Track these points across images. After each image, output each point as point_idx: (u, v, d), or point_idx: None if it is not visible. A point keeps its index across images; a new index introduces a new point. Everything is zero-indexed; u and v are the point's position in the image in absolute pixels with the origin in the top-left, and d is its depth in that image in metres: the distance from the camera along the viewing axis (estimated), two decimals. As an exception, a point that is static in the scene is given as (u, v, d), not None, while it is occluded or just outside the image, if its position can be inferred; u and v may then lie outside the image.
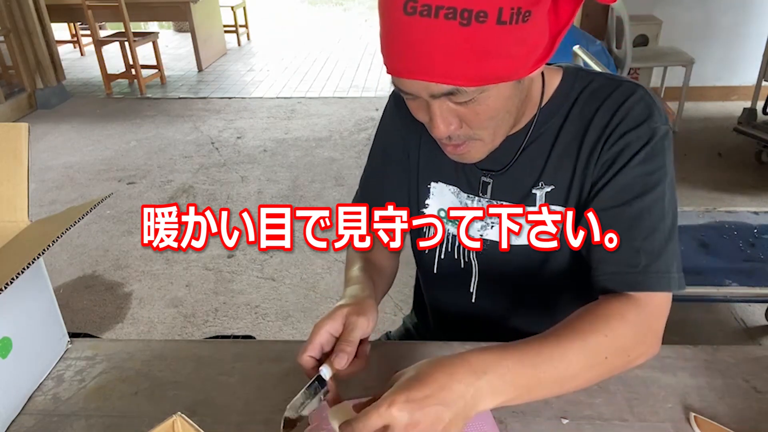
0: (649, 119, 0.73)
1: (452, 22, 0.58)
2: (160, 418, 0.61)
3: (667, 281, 0.72)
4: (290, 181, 3.48)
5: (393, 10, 0.61)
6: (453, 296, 0.94)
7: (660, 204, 0.73)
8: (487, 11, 0.58)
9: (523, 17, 0.60)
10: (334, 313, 0.71)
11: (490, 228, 0.86)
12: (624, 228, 0.73)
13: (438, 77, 0.63)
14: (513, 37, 0.61)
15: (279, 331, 2.28)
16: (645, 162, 0.73)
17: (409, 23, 0.60)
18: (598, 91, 0.78)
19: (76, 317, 2.39)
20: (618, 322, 0.69)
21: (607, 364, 0.68)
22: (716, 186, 3.19)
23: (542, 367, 0.64)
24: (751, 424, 0.72)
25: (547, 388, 0.66)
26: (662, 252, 0.72)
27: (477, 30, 0.59)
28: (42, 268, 0.84)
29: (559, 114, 0.79)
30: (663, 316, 0.73)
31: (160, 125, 4.43)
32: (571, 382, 0.67)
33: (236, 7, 6.61)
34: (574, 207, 0.79)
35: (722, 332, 2.17)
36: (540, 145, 0.80)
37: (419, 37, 0.60)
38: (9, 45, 4.54)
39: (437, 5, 0.58)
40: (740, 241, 2.02)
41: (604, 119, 0.75)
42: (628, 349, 0.70)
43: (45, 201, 3.32)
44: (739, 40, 4.18)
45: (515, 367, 0.62)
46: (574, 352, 0.65)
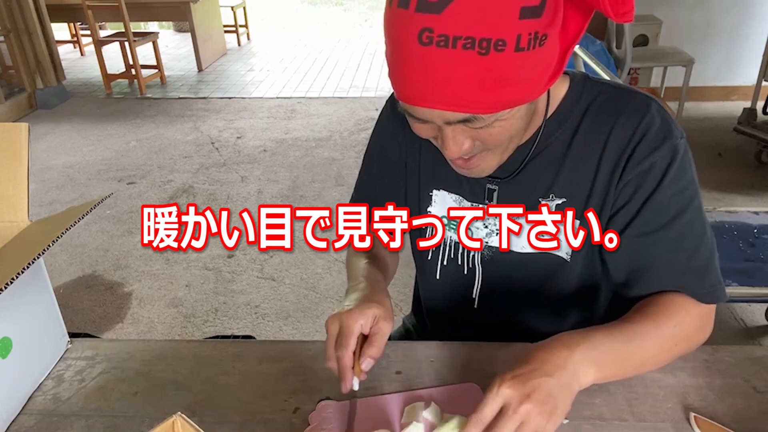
0: (669, 136, 0.73)
1: (470, 52, 0.57)
2: (160, 418, 0.61)
3: (721, 292, 0.75)
4: (290, 181, 3.48)
5: (407, 40, 0.59)
6: (454, 302, 0.93)
7: (699, 218, 0.75)
8: (506, 39, 0.57)
9: (540, 42, 0.59)
10: (364, 311, 0.72)
11: (495, 235, 0.85)
12: (667, 251, 0.74)
13: (454, 106, 0.62)
14: (530, 62, 0.60)
15: (279, 331, 2.28)
16: (675, 181, 0.73)
17: (425, 53, 0.58)
18: (609, 104, 0.76)
19: (76, 317, 2.39)
20: (684, 314, 0.74)
21: (677, 350, 0.75)
22: (716, 186, 3.19)
23: (629, 345, 0.70)
24: (751, 424, 0.72)
25: (632, 366, 0.72)
26: (709, 267, 0.75)
27: (495, 58, 0.57)
28: (42, 268, 0.84)
29: (568, 125, 0.78)
30: (713, 313, 0.78)
31: (160, 125, 4.43)
32: (649, 364, 0.75)
33: (236, 7, 6.61)
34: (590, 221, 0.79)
35: (722, 332, 2.17)
36: (549, 156, 0.79)
37: (435, 66, 0.58)
38: (9, 45, 4.54)
39: (455, 35, 0.56)
40: (740, 241, 2.01)
41: (624, 136, 0.74)
42: (691, 338, 0.76)
43: (45, 201, 3.32)
44: (740, 40, 4.18)
45: (606, 340, 0.69)
46: (651, 336, 0.72)
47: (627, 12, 0.59)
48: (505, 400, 0.61)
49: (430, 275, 0.94)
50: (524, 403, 0.60)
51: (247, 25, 6.98)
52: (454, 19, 0.56)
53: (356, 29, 7.71)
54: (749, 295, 1.85)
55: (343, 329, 0.70)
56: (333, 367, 0.70)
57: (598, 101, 0.77)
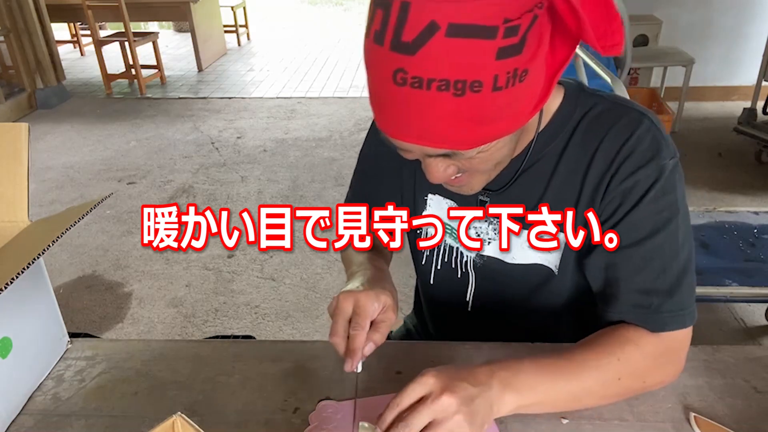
0: (657, 156, 0.71)
1: (445, 94, 0.55)
2: (160, 418, 0.61)
3: (681, 319, 0.72)
4: (290, 181, 3.48)
5: (382, 77, 0.57)
6: (450, 304, 0.94)
7: (672, 241, 0.72)
8: (482, 81, 0.55)
9: (520, 78, 0.57)
10: (380, 295, 0.72)
11: (486, 243, 0.85)
12: (635, 269, 0.73)
13: (431, 142, 0.60)
14: (510, 98, 0.58)
15: (279, 331, 2.28)
16: (655, 201, 0.71)
17: (400, 92, 0.56)
18: (601, 118, 0.75)
19: (76, 317, 2.39)
20: (632, 349, 0.71)
21: (621, 385, 0.71)
22: (716, 186, 3.19)
23: (558, 375, 0.68)
24: (751, 424, 0.72)
25: (563, 397, 0.70)
26: (675, 290, 0.72)
27: (472, 99, 0.56)
28: (42, 268, 0.84)
29: (559, 138, 0.76)
30: (682, 347, 0.75)
31: (160, 125, 4.43)
32: (589, 397, 0.71)
33: (236, 7, 6.61)
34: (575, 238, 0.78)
35: (722, 332, 2.17)
36: (540, 169, 0.78)
37: (411, 106, 0.57)
38: (9, 45, 4.54)
39: (429, 78, 0.54)
40: (740, 241, 2.02)
41: (611, 152, 0.73)
42: (643, 375, 0.73)
43: (45, 201, 3.32)
44: (739, 40, 4.18)
45: (531, 369, 0.68)
46: (588, 368, 0.69)
47: (615, 45, 0.57)
48: (427, 389, 0.61)
49: (426, 278, 0.95)
50: (446, 394, 0.60)
51: (247, 25, 6.98)
52: (428, 62, 0.54)
53: (356, 29, 7.71)
54: (749, 295, 1.85)
55: (359, 309, 0.70)
56: (338, 343, 0.70)
57: (591, 115, 0.75)
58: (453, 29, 0.53)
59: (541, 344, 0.86)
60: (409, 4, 0.53)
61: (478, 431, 0.61)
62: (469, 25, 0.53)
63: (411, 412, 0.60)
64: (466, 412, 0.60)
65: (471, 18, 0.52)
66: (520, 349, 0.85)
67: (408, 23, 0.53)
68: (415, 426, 0.59)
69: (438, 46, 0.53)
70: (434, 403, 0.60)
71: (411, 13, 0.53)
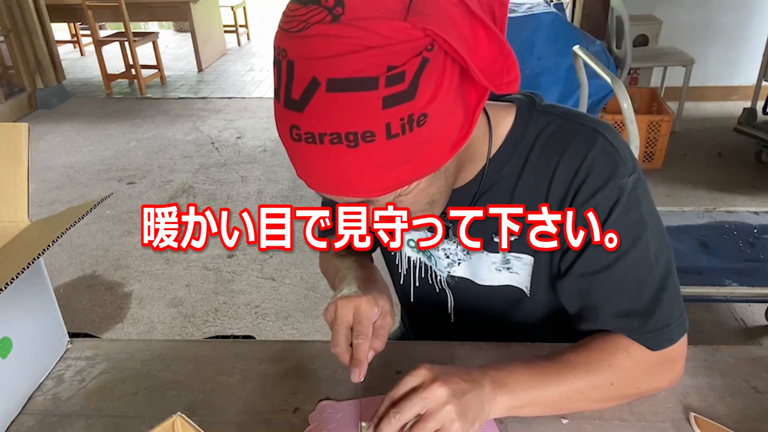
0: (614, 175, 0.69)
1: (339, 146, 0.55)
2: (160, 418, 0.61)
3: (668, 335, 0.71)
4: (290, 180, 3.48)
5: (283, 135, 0.58)
6: (433, 319, 0.94)
7: (643, 258, 0.70)
8: (373, 130, 0.54)
9: (418, 123, 0.55)
10: (378, 300, 0.71)
11: (457, 265, 0.84)
12: (609, 292, 0.72)
13: (345, 193, 0.60)
14: (413, 143, 0.56)
15: (279, 331, 2.28)
16: (619, 221, 0.69)
17: (300, 148, 0.57)
18: (555, 138, 0.72)
19: (76, 317, 2.39)
20: (623, 356, 0.72)
21: (615, 390, 0.71)
22: (716, 186, 3.19)
23: (549, 378, 0.69)
24: (751, 424, 0.72)
25: (555, 400, 0.70)
26: (654, 308, 0.70)
27: (367, 149, 0.55)
28: (42, 268, 0.84)
29: (514, 161, 0.74)
30: (678, 357, 0.74)
31: (160, 125, 4.43)
32: (581, 400, 0.71)
33: (236, 7, 6.61)
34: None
35: (722, 332, 2.17)
36: (497, 194, 0.76)
37: (310, 160, 0.58)
38: (9, 45, 4.54)
39: (320, 132, 0.54)
40: (740, 241, 2.01)
41: (568, 175, 0.71)
42: (636, 382, 0.73)
43: (45, 201, 3.32)
44: (739, 40, 4.18)
45: (523, 370, 0.69)
46: (579, 372, 0.70)
47: (511, 82, 0.57)
48: (420, 380, 0.62)
49: (406, 297, 0.95)
50: (437, 384, 0.60)
51: (247, 25, 6.98)
52: (315, 118, 0.54)
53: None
54: (749, 295, 1.85)
55: (359, 317, 0.69)
56: (341, 354, 0.69)
57: (544, 134, 0.73)
58: (332, 84, 0.53)
59: (540, 344, 0.86)
60: (293, 62, 0.54)
61: (470, 428, 0.62)
62: (346, 79, 0.53)
63: (403, 401, 0.61)
64: (456, 404, 0.61)
65: (348, 72, 0.52)
66: (520, 348, 0.85)
67: (294, 81, 0.54)
68: (405, 414, 0.60)
69: (321, 102, 0.54)
70: (425, 391, 0.60)
71: (296, 71, 0.54)
